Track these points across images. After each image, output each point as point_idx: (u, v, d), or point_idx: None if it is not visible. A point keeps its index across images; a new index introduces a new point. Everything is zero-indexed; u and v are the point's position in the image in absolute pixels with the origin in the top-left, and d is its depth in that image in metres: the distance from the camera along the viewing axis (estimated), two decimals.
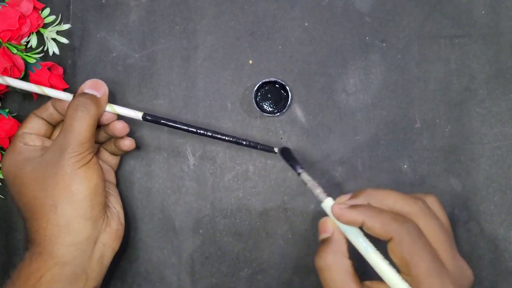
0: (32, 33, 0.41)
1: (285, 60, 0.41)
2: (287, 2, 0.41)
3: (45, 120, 0.38)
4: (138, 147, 0.41)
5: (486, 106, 0.40)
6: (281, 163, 0.41)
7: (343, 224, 0.30)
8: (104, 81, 0.42)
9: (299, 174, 0.33)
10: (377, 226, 0.28)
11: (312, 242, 0.40)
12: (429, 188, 0.40)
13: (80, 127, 0.33)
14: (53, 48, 0.42)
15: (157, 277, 0.41)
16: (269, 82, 0.40)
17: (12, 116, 0.41)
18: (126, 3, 0.42)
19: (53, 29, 0.42)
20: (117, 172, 0.42)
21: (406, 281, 0.28)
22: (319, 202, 0.32)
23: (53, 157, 0.33)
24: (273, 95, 0.41)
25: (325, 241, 0.30)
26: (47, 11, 0.42)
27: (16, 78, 0.39)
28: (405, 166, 0.40)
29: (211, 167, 0.41)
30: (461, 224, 0.40)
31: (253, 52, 0.42)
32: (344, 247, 0.30)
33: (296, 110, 0.41)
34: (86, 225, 0.33)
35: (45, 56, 0.42)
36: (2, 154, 0.42)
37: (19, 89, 0.38)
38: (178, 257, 0.41)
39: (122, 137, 0.38)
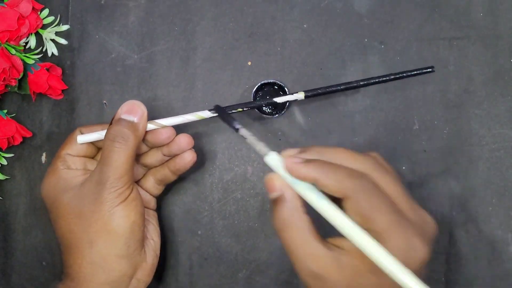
0: (31, 34, 0.41)
1: (284, 62, 0.41)
2: (286, 4, 0.41)
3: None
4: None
5: (485, 108, 0.40)
6: None
7: (294, 178, 0.28)
8: (103, 82, 0.42)
9: (237, 130, 0.31)
10: (332, 183, 0.26)
11: None
12: (427, 190, 0.40)
13: (118, 160, 0.31)
14: (52, 49, 0.42)
15: (156, 278, 0.41)
16: (268, 83, 0.40)
17: (11, 117, 0.41)
18: (125, 4, 0.42)
19: (52, 30, 0.42)
20: None
21: None
22: (262, 157, 0.29)
23: (90, 191, 0.32)
24: (272, 97, 0.41)
25: (277, 200, 0.28)
26: (46, 12, 0.42)
27: (15, 78, 0.39)
28: (404, 167, 0.40)
29: (210, 168, 0.41)
30: (459, 226, 0.40)
31: (252, 54, 0.42)
32: (298, 203, 0.28)
33: (295, 112, 0.41)
34: (121, 263, 0.32)
35: (44, 57, 0.42)
36: (1, 155, 0.42)
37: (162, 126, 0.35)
38: (177, 258, 0.41)
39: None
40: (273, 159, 0.29)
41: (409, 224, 0.26)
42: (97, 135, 0.35)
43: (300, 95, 0.34)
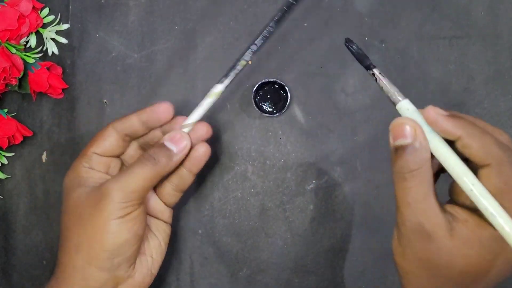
0: (31, 33, 0.41)
1: (284, 61, 0.41)
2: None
3: (125, 135, 0.34)
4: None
5: (485, 107, 0.40)
6: (280, 163, 0.41)
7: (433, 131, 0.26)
8: (103, 82, 0.42)
9: (370, 68, 0.29)
10: (478, 146, 0.25)
11: (311, 242, 0.40)
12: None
13: (138, 179, 0.31)
14: (52, 48, 0.42)
15: (156, 278, 0.41)
16: (268, 82, 0.40)
17: (11, 116, 0.41)
18: (125, 3, 0.42)
19: (52, 29, 0.42)
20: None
21: None
22: (393, 104, 0.28)
23: (99, 195, 0.31)
24: (272, 96, 0.41)
25: (406, 147, 0.26)
26: (46, 11, 0.42)
27: (15, 77, 0.39)
28: None
29: (210, 167, 0.41)
30: None
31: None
32: (429, 155, 0.26)
33: (295, 111, 0.41)
34: (101, 275, 0.31)
35: (44, 56, 0.42)
36: (1, 154, 0.42)
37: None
38: (177, 258, 0.41)
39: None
40: (408, 107, 0.27)
41: None
42: (199, 112, 0.33)
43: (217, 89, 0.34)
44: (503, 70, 0.40)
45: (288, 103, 0.40)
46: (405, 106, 0.27)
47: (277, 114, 0.40)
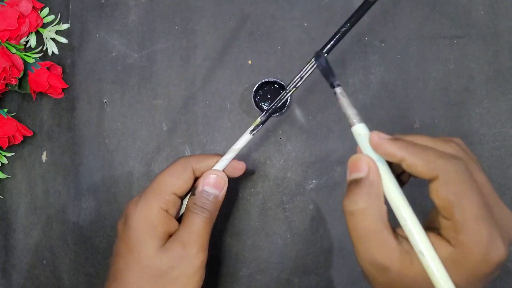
0: (31, 32, 0.41)
1: (284, 60, 0.41)
2: (286, 3, 0.41)
3: (195, 175, 0.34)
4: None
5: (485, 106, 0.40)
6: (280, 163, 0.41)
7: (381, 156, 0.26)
8: (103, 81, 0.42)
9: (334, 86, 0.29)
10: (421, 163, 0.25)
11: (311, 242, 0.40)
12: (428, 188, 0.40)
13: (203, 233, 0.31)
14: (52, 48, 0.42)
15: None
16: (268, 82, 0.40)
17: (11, 116, 0.41)
18: (125, 3, 0.42)
19: (52, 28, 0.42)
20: (117, 175, 0.42)
21: (443, 225, 0.25)
22: (349, 126, 0.28)
23: (181, 256, 0.30)
24: (272, 96, 0.41)
25: (358, 182, 0.26)
26: (46, 10, 0.42)
27: (15, 77, 0.39)
28: None
29: None
30: None
31: (252, 52, 0.41)
32: (380, 190, 0.26)
33: (296, 110, 0.41)
34: None
35: (44, 55, 0.42)
36: (1, 154, 0.42)
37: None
38: None
39: None
40: (361, 132, 0.27)
41: (494, 221, 0.24)
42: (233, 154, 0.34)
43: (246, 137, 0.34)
44: (503, 70, 0.40)
45: (288, 103, 0.40)
46: (358, 130, 0.27)
47: (277, 114, 0.40)
